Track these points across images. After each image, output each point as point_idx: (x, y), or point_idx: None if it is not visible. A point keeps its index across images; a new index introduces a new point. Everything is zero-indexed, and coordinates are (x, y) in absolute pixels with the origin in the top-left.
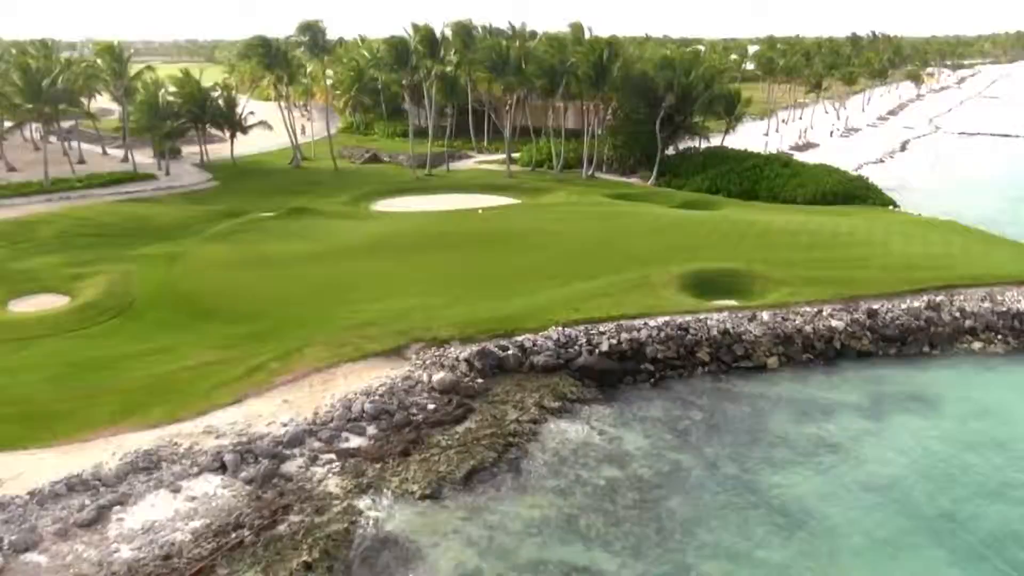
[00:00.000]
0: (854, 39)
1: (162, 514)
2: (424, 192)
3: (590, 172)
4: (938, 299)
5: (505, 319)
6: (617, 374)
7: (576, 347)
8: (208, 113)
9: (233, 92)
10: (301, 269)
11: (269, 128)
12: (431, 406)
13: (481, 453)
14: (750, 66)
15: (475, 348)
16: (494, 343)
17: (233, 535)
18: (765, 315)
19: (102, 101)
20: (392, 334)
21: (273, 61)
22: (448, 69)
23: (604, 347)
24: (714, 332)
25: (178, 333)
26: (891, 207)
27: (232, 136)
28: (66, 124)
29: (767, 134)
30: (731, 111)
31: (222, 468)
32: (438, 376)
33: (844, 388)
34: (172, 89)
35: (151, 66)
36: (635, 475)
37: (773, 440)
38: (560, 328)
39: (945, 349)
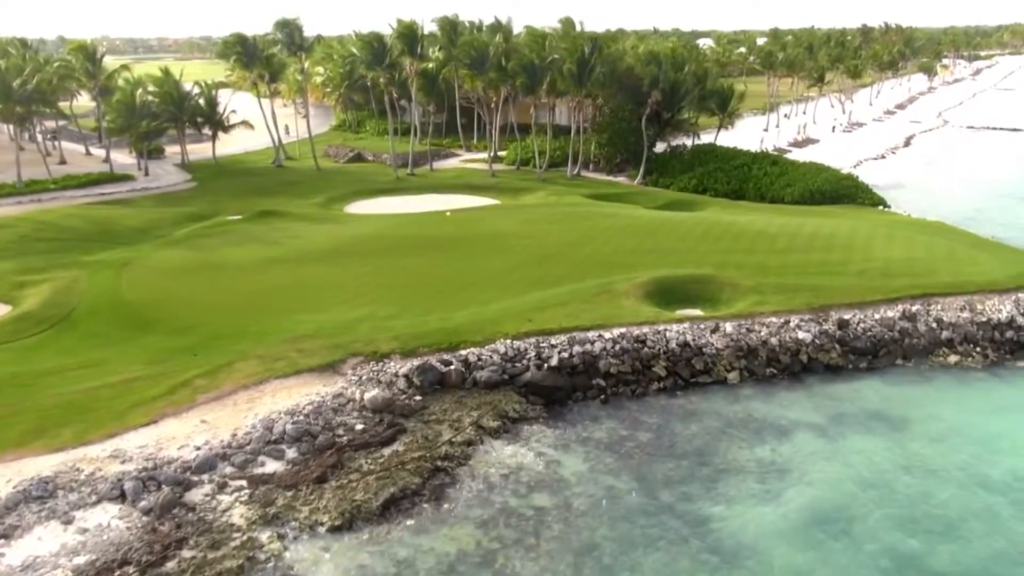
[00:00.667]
0: (865, 30)
1: (47, 548)
2: (402, 192)
3: (575, 171)
4: (914, 308)
5: (452, 331)
6: (566, 390)
7: (524, 361)
8: (187, 112)
9: (215, 92)
10: (254, 276)
11: (250, 127)
12: (359, 426)
13: (404, 479)
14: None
15: (416, 363)
16: (436, 357)
17: (117, 573)
18: (729, 326)
19: (88, 100)
20: (330, 348)
21: (251, 59)
22: (430, 66)
23: (554, 361)
24: (673, 345)
25: (111, 346)
26: (880, 207)
27: (214, 135)
28: (51, 124)
29: (766, 130)
30: (725, 107)
31: (122, 496)
32: (371, 394)
33: (806, 405)
34: (151, 88)
35: (126, 65)
36: (566, 504)
37: (720, 464)
38: (509, 341)
39: (919, 362)
